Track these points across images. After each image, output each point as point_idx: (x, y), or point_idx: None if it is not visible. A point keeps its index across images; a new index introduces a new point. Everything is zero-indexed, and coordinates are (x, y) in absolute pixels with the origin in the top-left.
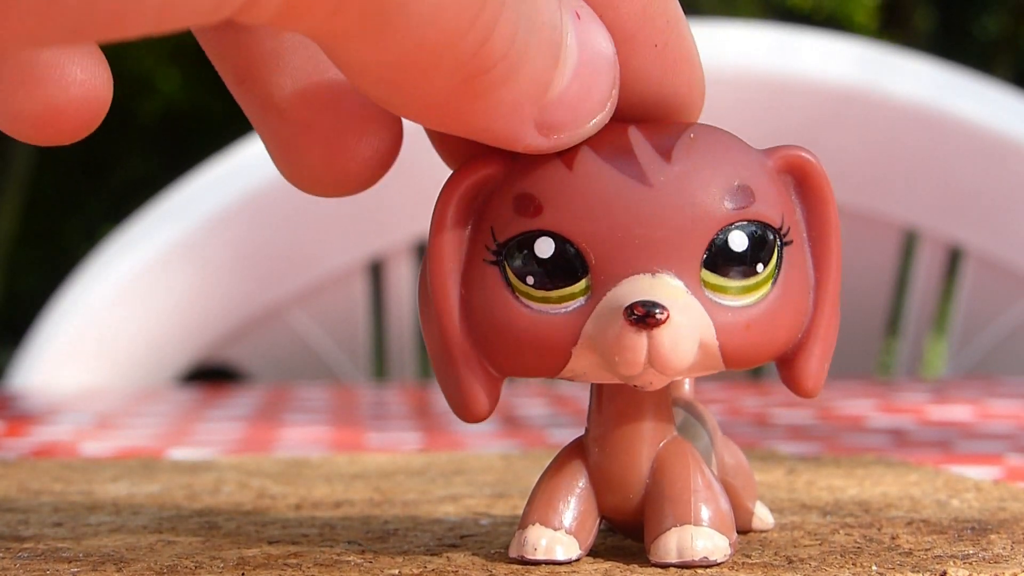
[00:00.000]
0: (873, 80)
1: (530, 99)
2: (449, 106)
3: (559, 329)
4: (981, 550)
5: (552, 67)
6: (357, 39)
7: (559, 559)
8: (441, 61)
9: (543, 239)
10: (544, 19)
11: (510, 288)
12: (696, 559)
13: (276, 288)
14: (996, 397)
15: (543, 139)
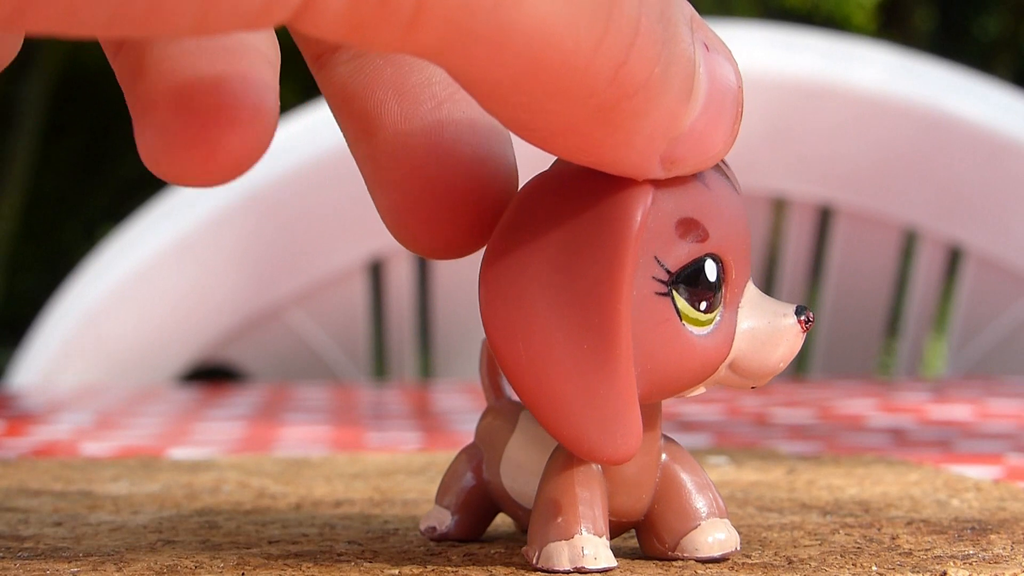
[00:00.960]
0: (872, 79)
1: (664, 132)
2: (584, 134)
3: (717, 347)
4: (981, 550)
5: (686, 99)
6: (455, 57)
7: (613, 566)
8: (569, 83)
9: (710, 262)
10: (682, 48)
11: (679, 317)
12: (731, 550)
13: (276, 288)
14: (996, 397)
15: (665, 170)
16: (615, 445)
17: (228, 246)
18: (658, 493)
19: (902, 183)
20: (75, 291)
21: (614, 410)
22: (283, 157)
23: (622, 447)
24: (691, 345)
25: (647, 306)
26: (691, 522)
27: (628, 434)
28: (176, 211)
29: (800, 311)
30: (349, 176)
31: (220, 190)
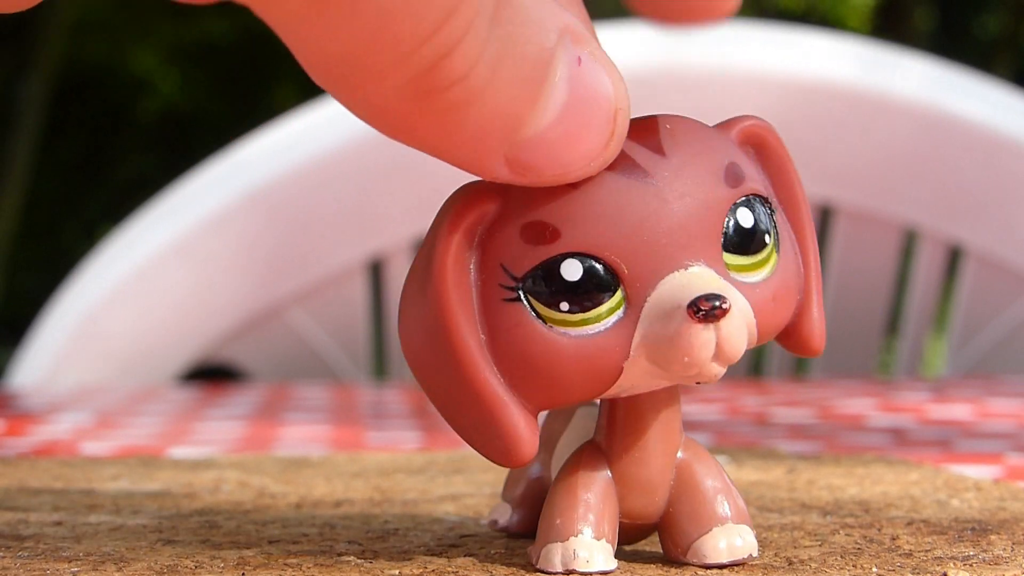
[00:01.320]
0: (873, 79)
1: (496, 132)
2: (401, 118)
3: (607, 347)
4: (981, 551)
5: (528, 103)
6: (308, 22)
7: (609, 569)
8: (394, 66)
9: (568, 261)
10: (526, 51)
11: (541, 320)
12: (745, 557)
13: (276, 287)
14: (996, 396)
15: (516, 175)
16: (499, 450)
17: (228, 246)
18: (673, 496)
19: (902, 182)
20: (75, 291)
21: (482, 418)
22: (283, 157)
23: (509, 452)
24: (559, 346)
25: (500, 314)
26: (702, 527)
27: (507, 439)
28: (176, 211)
29: (696, 301)
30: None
31: (219, 190)
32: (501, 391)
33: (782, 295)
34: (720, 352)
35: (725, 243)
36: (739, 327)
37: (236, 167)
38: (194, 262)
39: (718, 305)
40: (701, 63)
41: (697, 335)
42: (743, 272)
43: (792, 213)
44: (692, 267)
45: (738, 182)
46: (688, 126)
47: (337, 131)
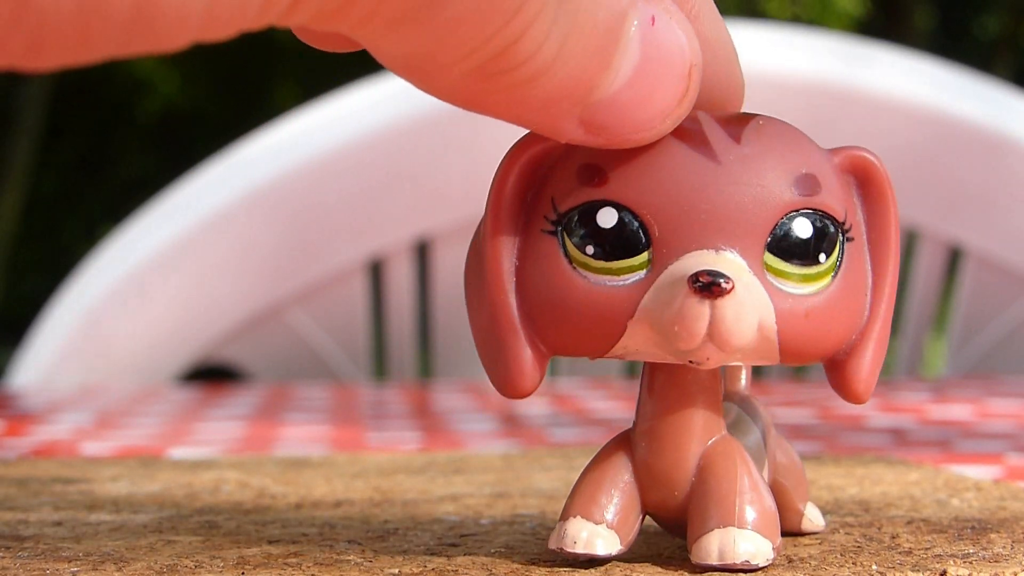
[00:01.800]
0: (872, 79)
1: (568, 98)
2: (472, 95)
3: (617, 301)
4: (981, 549)
5: (599, 68)
6: (389, 36)
7: (599, 553)
8: (463, 58)
9: (606, 209)
10: (596, 20)
11: (568, 258)
12: (738, 562)
13: (276, 287)
14: (996, 396)
15: (591, 136)
16: (504, 379)
17: (228, 246)
18: (691, 492)
19: (902, 183)
20: (75, 291)
21: (493, 341)
22: (284, 157)
23: (507, 383)
24: (574, 285)
25: (536, 243)
26: (705, 526)
27: (510, 367)
28: (176, 211)
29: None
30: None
31: (219, 190)
32: (515, 318)
33: (818, 317)
34: (714, 332)
35: (772, 244)
36: (739, 313)
37: (236, 167)
38: (194, 262)
39: (717, 281)
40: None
41: (691, 306)
42: (782, 279)
43: (879, 255)
44: (723, 251)
45: (811, 192)
46: (782, 129)
47: (337, 131)
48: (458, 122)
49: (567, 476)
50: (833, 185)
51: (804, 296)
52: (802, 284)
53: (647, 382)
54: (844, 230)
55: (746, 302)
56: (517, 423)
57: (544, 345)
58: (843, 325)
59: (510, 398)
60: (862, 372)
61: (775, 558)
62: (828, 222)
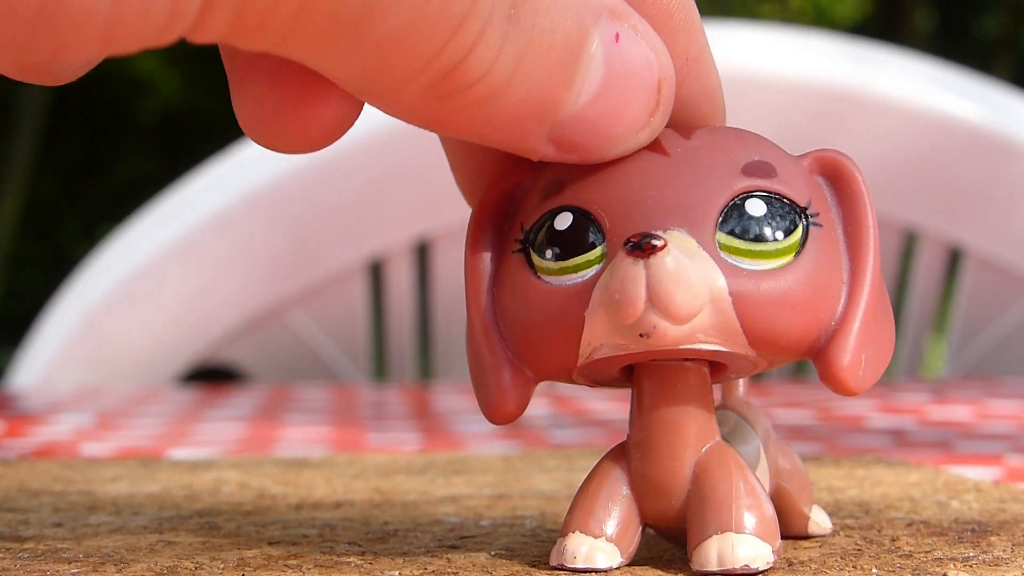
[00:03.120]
0: (872, 81)
1: (532, 117)
2: (431, 116)
3: (574, 295)
4: (981, 552)
5: (561, 86)
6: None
7: (600, 567)
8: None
9: (562, 214)
10: (554, 39)
11: (532, 269)
12: (737, 567)
13: (276, 288)
14: (996, 397)
15: (564, 153)
16: (487, 405)
17: (228, 247)
18: (687, 500)
19: (902, 184)
20: (75, 292)
21: (477, 369)
22: (283, 158)
23: (491, 407)
24: (537, 292)
25: (507, 265)
26: (704, 533)
27: (492, 394)
28: (176, 212)
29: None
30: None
31: (220, 191)
32: (496, 342)
33: (776, 292)
34: (652, 295)
35: (724, 224)
36: (676, 273)
37: (236, 168)
38: (194, 263)
39: (649, 240)
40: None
41: (626, 268)
42: (736, 255)
43: (856, 248)
44: (671, 231)
45: (760, 176)
46: (735, 130)
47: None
48: None
49: (567, 478)
50: (794, 176)
51: (759, 272)
52: (758, 260)
53: (638, 392)
54: (808, 214)
55: (684, 263)
56: (517, 424)
57: (525, 366)
58: (811, 305)
59: (496, 423)
60: (843, 358)
61: (775, 561)
62: (784, 203)
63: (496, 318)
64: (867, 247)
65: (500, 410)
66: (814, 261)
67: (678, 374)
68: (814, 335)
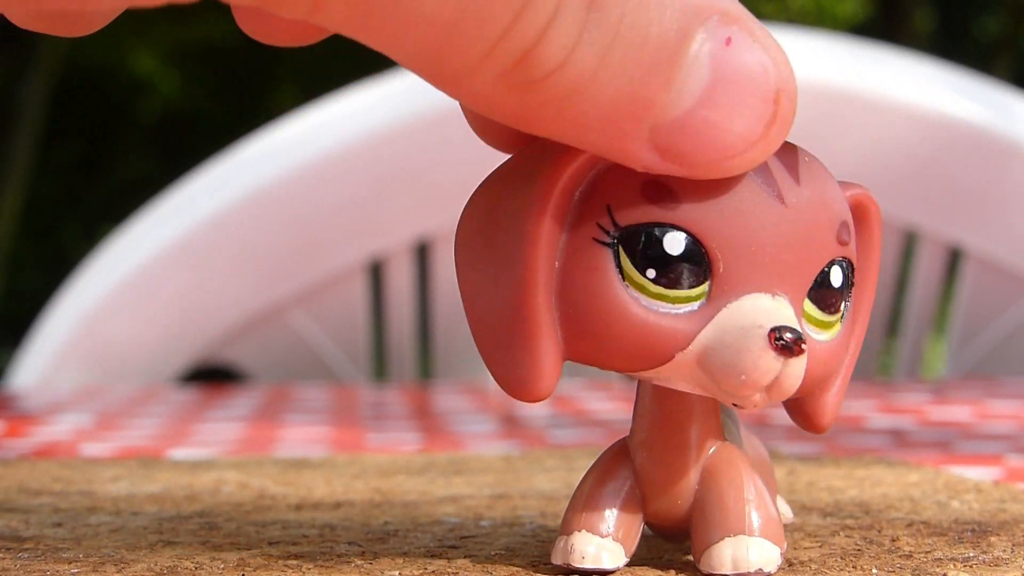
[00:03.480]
0: (872, 81)
1: (628, 117)
2: (512, 109)
3: (670, 331)
4: (981, 552)
5: (659, 86)
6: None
7: (607, 567)
8: (480, 62)
9: (675, 234)
10: (647, 32)
11: (621, 275)
12: (751, 571)
13: (276, 288)
14: (996, 398)
15: (668, 163)
16: (521, 380)
17: (228, 246)
18: (695, 501)
19: (902, 184)
20: (75, 292)
21: (515, 340)
22: (284, 158)
23: (523, 384)
24: (625, 307)
25: (586, 250)
26: (715, 536)
27: (530, 369)
28: (176, 212)
29: (780, 328)
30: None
31: (219, 191)
32: (547, 321)
33: (829, 363)
34: (775, 386)
35: (811, 292)
36: (800, 371)
37: (236, 168)
38: (194, 263)
39: (799, 341)
40: None
41: (767, 360)
42: (813, 325)
43: (859, 294)
44: (779, 296)
45: (847, 240)
46: (820, 169)
47: (337, 132)
48: (458, 122)
49: (567, 478)
50: (853, 230)
51: (823, 342)
52: (825, 331)
53: (644, 391)
54: (853, 277)
55: (806, 358)
56: (517, 424)
57: (569, 350)
58: (837, 368)
59: (526, 400)
60: (831, 407)
61: (782, 563)
62: (852, 269)
63: (557, 294)
64: (870, 289)
65: (538, 386)
66: (847, 325)
67: None
68: None
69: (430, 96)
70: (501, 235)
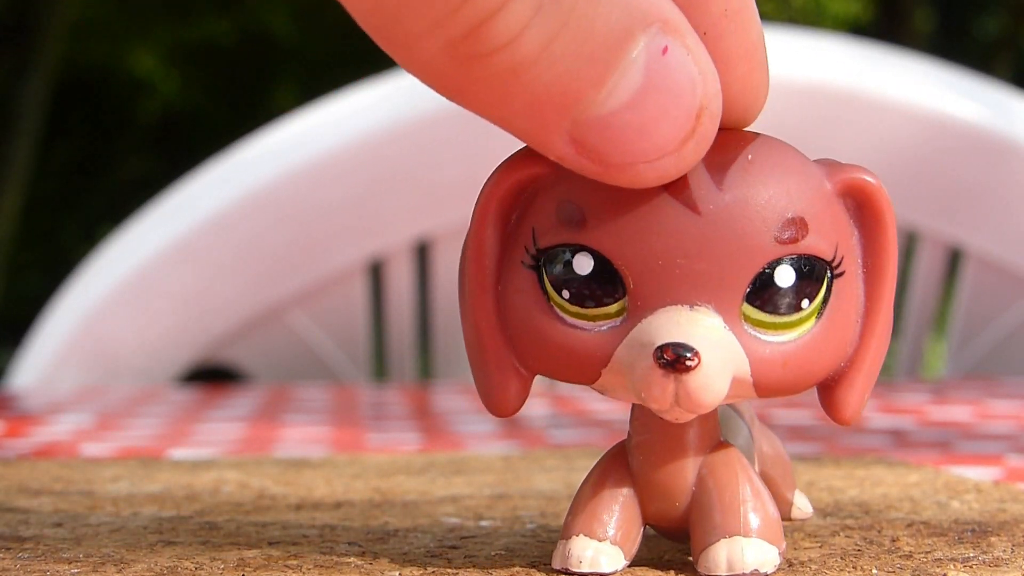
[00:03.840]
0: (872, 81)
1: (555, 106)
2: (452, 80)
3: (591, 347)
4: (981, 552)
5: (591, 81)
6: None
7: (605, 571)
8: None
9: (582, 255)
10: (594, 28)
11: (546, 296)
12: (747, 572)
13: (276, 288)
14: (996, 397)
15: (581, 158)
16: (488, 398)
17: (228, 247)
18: (692, 503)
19: (902, 184)
20: (75, 292)
21: (479, 363)
22: (283, 158)
23: (492, 403)
24: (552, 323)
25: (516, 273)
26: (709, 537)
27: (494, 390)
28: (176, 212)
29: (663, 347)
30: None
31: (219, 191)
32: (498, 342)
33: (796, 363)
34: (681, 400)
35: (751, 295)
36: (705, 387)
37: (236, 168)
38: (194, 263)
39: (682, 358)
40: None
41: (656, 380)
42: (761, 328)
43: (874, 283)
44: (697, 307)
45: (796, 237)
46: (774, 161)
47: (337, 132)
48: (458, 122)
49: (567, 478)
50: (823, 221)
51: (782, 343)
52: (782, 332)
53: None
54: (833, 268)
55: (713, 368)
56: (517, 424)
57: (526, 368)
58: (824, 364)
59: (495, 416)
60: (850, 399)
61: (781, 563)
62: (814, 265)
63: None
64: (887, 276)
65: (501, 404)
66: (833, 318)
67: None
68: (824, 380)
69: (430, 96)
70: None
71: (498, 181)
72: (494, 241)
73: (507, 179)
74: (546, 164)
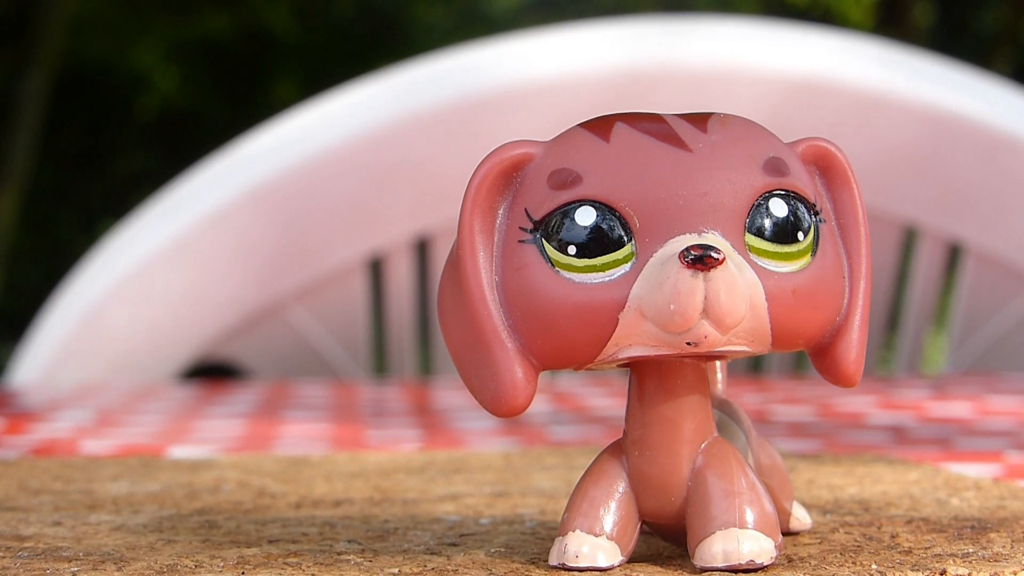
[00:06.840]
0: (873, 77)
1: None
2: None
3: (605, 296)
4: (981, 548)
5: None
6: None
7: (601, 566)
8: None
9: (584, 208)
10: None
11: (549, 263)
12: (743, 563)
13: (276, 285)
14: (996, 393)
15: None
16: (495, 396)
17: (228, 243)
18: (688, 497)
19: (902, 180)
20: (76, 288)
21: (481, 359)
22: (284, 154)
23: (499, 400)
24: (560, 288)
25: (514, 254)
26: (705, 530)
27: (501, 383)
28: (176, 208)
29: (689, 248)
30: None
31: (220, 187)
32: (504, 333)
33: (805, 295)
34: (709, 307)
35: (751, 225)
36: (732, 287)
37: (236, 165)
38: (194, 260)
39: (709, 253)
40: (700, 61)
41: (685, 280)
42: (765, 258)
43: (850, 238)
44: (705, 233)
45: (778, 174)
46: (743, 122)
47: (337, 129)
48: (458, 120)
49: (567, 475)
50: (799, 170)
51: (788, 274)
52: (784, 262)
53: (635, 390)
54: (816, 211)
55: (737, 276)
56: (517, 422)
57: (535, 357)
58: (828, 304)
59: (502, 416)
60: (851, 353)
61: (777, 556)
62: (800, 202)
63: (502, 304)
64: (860, 238)
65: (512, 400)
66: (825, 259)
67: (677, 371)
68: (825, 331)
69: (429, 93)
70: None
71: (483, 169)
72: (486, 230)
73: (492, 166)
74: (529, 146)
